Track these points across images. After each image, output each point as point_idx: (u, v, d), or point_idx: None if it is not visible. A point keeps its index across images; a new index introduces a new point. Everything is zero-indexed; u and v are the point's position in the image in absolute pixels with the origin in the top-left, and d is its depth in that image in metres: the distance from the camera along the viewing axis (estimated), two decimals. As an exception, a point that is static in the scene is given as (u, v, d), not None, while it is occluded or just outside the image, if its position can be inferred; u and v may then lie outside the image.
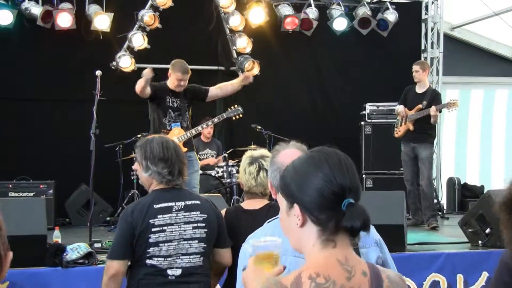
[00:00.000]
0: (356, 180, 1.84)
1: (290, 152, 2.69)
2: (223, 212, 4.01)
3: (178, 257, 3.68)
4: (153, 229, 3.64)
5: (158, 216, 3.67)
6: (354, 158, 1.95)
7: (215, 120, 8.18)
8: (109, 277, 3.64)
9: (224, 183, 9.29)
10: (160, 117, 7.55)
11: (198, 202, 3.80)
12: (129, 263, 3.72)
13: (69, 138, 9.70)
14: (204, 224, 3.75)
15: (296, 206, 1.83)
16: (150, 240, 3.63)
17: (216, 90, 7.83)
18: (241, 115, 8.16)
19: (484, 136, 12.60)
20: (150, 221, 3.64)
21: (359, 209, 1.76)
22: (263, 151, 4.00)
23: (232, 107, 8.13)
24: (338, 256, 1.79)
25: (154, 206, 3.69)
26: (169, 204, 3.72)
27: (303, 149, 2.76)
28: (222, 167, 9.51)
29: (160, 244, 3.64)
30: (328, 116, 11.25)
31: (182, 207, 3.73)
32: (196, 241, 3.73)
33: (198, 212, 3.76)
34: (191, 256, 3.71)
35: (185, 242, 3.70)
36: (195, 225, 3.74)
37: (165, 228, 3.67)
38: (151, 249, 3.63)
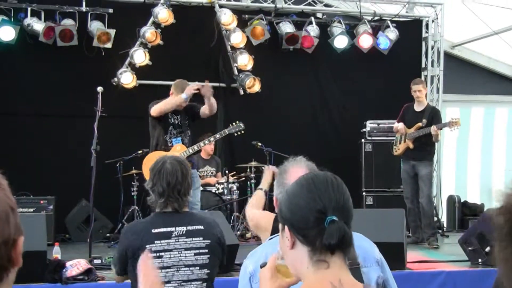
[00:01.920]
0: (343, 200, 1.86)
1: (297, 171, 2.68)
2: (271, 217, 3.90)
3: (179, 284, 3.63)
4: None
5: (156, 242, 3.61)
6: (354, 176, 1.99)
7: (217, 136, 8.20)
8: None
9: (225, 200, 9.29)
10: (161, 134, 7.58)
11: (201, 227, 3.73)
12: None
13: (69, 154, 9.71)
14: (206, 250, 3.70)
15: (286, 227, 1.87)
16: None
17: (205, 107, 7.80)
18: (242, 131, 8.19)
19: (485, 154, 12.60)
20: (147, 246, 3.59)
21: (338, 227, 1.78)
22: None
23: (234, 124, 8.16)
24: (332, 279, 1.79)
25: (153, 230, 3.64)
26: (169, 229, 3.65)
27: (310, 167, 2.77)
28: (222, 183, 9.51)
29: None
30: (329, 133, 11.26)
31: (184, 232, 3.67)
32: (198, 268, 3.67)
33: (201, 238, 3.69)
34: (193, 283, 3.66)
35: (187, 268, 3.64)
36: (197, 251, 3.67)
37: (162, 254, 3.61)
38: None
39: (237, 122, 8.18)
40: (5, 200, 1.43)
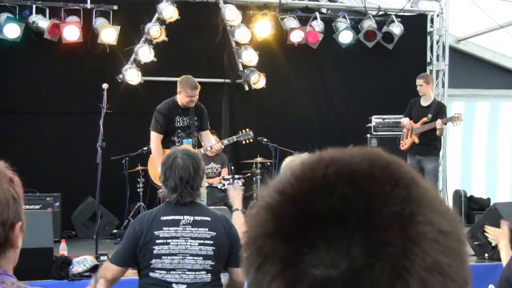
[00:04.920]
0: None
1: None
2: None
3: (183, 272, 3.66)
4: (157, 241, 3.64)
5: (164, 228, 3.66)
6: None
7: (225, 142, 8.20)
8: (106, 279, 3.64)
9: (230, 196, 9.27)
10: (168, 136, 7.52)
11: (208, 218, 3.77)
12: (132, 270, 3.74)
13: (75, 151, 9.72)
14: (211, 242, 3.72)
15: None
16: (154, 252, 3.64)
17: (206, 137, 7.82)
18: (251, 140, 8.20)
19: (490, 149, 12.58)
20: (155, 232, 3.64)
21: None
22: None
23: (244, 131, 8.18)
24: None
25: (161, 218, 3.69)
26: (177, 217, 3.70)
27: None
28: (228, 179, 9.50)
29: (162, 257, 3.64)
30: (334, 128, 11.25)
31: (190, 221, 3.71)
32: (201, 258, 3.70)
33: (207, 229, 3.72)
34: (196, 273, 3.69)
35: (191, 257, 3.68)
36: (202, 241, 3.71)
37: (169, 241, 3.65)
38: (153, 261, 3.63)
39: (247, 129, 8.18)
40: (9, 190, 1.61)
